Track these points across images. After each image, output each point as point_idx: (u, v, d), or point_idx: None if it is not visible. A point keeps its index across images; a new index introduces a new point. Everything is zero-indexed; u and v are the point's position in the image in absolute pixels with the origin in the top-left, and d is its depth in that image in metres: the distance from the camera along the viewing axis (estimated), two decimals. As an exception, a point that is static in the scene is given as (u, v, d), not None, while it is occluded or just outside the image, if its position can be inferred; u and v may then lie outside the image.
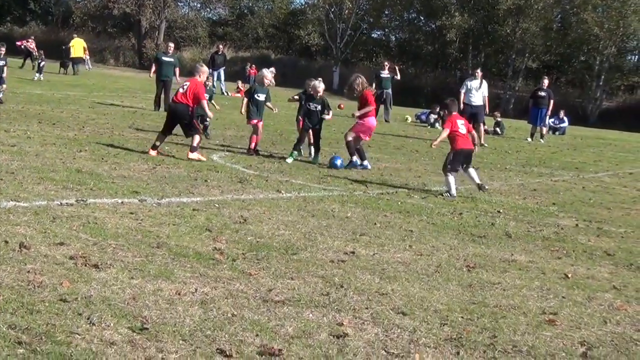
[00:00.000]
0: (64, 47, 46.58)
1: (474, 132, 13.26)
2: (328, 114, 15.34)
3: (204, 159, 13.64)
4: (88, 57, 49.02)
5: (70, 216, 7.95)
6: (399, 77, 32.43)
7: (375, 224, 9.43)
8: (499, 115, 31.62)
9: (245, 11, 79.28)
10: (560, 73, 63.10)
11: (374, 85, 28.50)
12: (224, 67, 39.49)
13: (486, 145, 22.71)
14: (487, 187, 12.76)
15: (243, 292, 6.04)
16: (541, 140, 27.98)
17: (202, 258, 6.89)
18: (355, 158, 14.87)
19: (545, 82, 28.90)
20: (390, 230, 9.10)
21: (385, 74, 31.54)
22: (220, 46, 42.30)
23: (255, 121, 15.51)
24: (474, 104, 23.85)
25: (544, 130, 29.15)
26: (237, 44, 73.32)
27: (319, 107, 15.19)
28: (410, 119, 33.30)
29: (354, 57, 69.46)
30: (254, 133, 15.48)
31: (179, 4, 76.46)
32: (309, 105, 15.22)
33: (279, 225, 8.71)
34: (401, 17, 69.62)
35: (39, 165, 11.03)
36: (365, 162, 14.99)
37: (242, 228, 8.32)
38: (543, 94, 28.06)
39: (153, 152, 13.65)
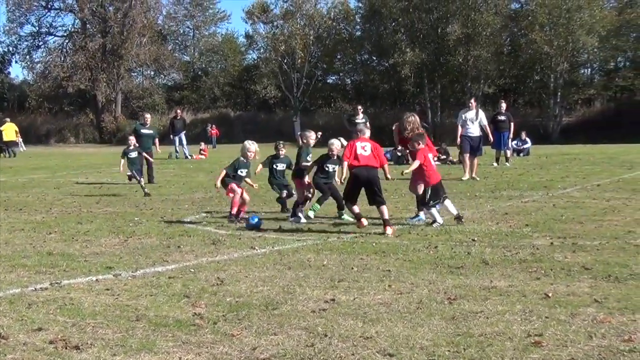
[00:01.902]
0: None
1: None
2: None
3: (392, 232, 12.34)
4: (21, 140, 49.29)
5: (46, 300, 7.88)
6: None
7: (352, 268, 9.42)
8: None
9: (199, 73, 79.78)
10: (517, 95, 63.88)
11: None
12: (185, 131, 39.61)
13: (478, 178, 22.21)
14: (463, 219, 12.92)
15: (227, 355, 6.00)
16: (507, 163, 28.17)
17: (183, 325, 6.84)
18: (422, 214, 13.74)
19: (503, 105, 29.18)
20: (368, 273, 9.08)
21: (360, 119, 31.12)
22: (178, 111, 42.52)
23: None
24: (472, 135, 23.15)
25: (509, 153, 29.37)
26: (195, 106, 73.74)
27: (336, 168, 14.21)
28: (375, 159, 33.31)
29: (313, 105, 69.99)
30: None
31: (132, 74, 76.89)
32: (327, 167, 14.37)
33: (257, 282, 8.67)
34: (354, 60, 70.34)
35: (9, 253, 10.94)
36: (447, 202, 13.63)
37: (220, 290, 8.28)
38: (503, 117, 28.33)
39: (365, 222, 12.56)
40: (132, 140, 21.26)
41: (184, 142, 38.91)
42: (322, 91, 71.47)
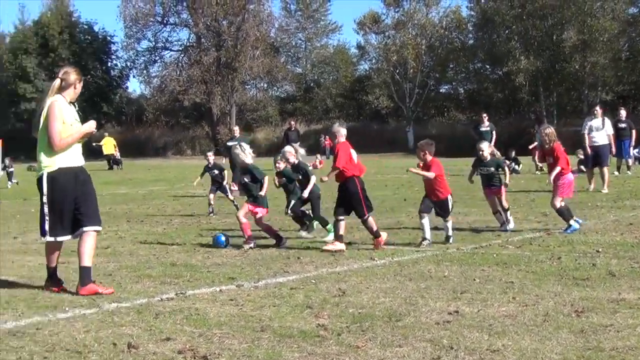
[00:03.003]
0: (94, 144, 48.11)
1: None
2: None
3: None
4: (118, 154, 50.50)
5: (173, 310, 8.02)
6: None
7: (474, 279, 9.31)
8: (581, 153, 31.03)
9: (312, 84, 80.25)
10: (637, 102, 62.15)
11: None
12: (299, 143, 39.90)
13: (606, 191, 20.82)
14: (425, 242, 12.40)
15: (354, 366, 6.00)
16: (629, 172, 27.45)
17: (308, 336, 6.87)
18: (572, 221, 13.46)
19: (623, 112, 28.38)
20: (491, 284, 8.96)
21: (485, 127, 30.97)
22: (292, 122, 42.81)
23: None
24: (597, 144, 22.30)
25: (630, 161, 28.59)
26: (308, 117, 74.17)
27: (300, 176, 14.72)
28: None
29: (426, 115, 69.63)
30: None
31: (246, 87, 77.87)
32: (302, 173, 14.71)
33: (378, 293, 8.65)
34: (467, 69, 69.65)
35: (134, 264, 11.21)
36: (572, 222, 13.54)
37: (342, 301, 8.28)
38: (623, 125, 27.56)
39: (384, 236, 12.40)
40: (210, 156, 20.11)
41: (299, 153, 39.19)
42: (434, 100, 71.05)
